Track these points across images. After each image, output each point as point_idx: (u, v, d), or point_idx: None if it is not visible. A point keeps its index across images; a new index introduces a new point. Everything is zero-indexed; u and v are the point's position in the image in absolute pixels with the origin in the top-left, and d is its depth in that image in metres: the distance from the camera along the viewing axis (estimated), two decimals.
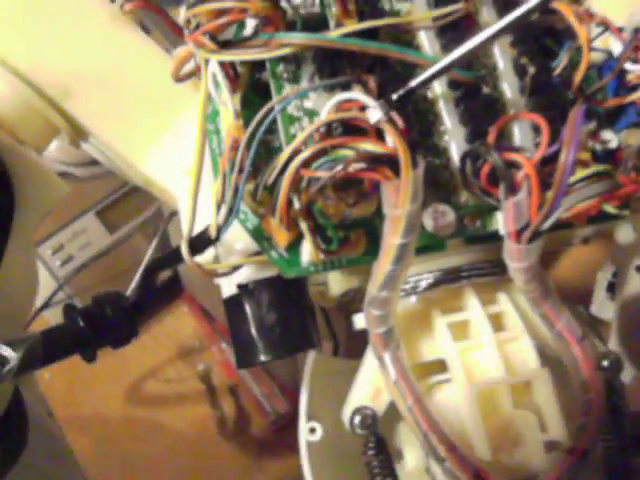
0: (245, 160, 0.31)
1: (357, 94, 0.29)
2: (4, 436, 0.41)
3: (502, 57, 0.35)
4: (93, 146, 0.42)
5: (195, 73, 0.37)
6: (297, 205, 0.30)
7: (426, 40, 0.34)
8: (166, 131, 0.39)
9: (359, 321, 0.37)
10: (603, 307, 0.57)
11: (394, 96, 0.29)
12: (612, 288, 0.57)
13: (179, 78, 0.36)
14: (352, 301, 0.42)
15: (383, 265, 0.30)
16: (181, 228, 0.39)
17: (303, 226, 0.30)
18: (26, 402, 0.44)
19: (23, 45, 0.37)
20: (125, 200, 0.77)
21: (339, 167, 0.28)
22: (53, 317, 0.72)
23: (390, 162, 0.29)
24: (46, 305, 0.71)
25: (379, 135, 0.30)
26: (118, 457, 0.73)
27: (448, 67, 0.30)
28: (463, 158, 0.32)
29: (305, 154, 0.29)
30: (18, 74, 0.37)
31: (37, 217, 0.38)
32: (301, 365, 0.70)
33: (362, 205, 0.31)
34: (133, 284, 0.37)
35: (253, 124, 0.31)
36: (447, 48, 0.34)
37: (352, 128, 0.30)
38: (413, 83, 0.30)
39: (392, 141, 0.29)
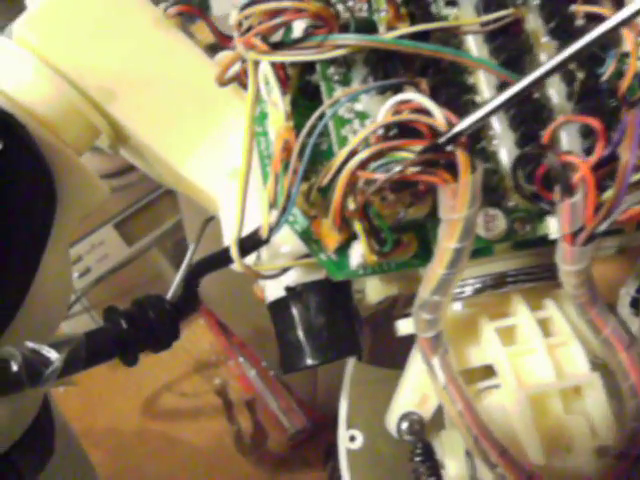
0: (298, 164, 0.31)
1: (417, 95, 0.29)
2: (35, 443, 0.41)
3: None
4: (130, 150, 0.42)
5: (238, 77, 0.37)
6: (352, 206, 0.30)
7: (474, 45, 0.34)
8: (208, 134, 0.38)
9: (403, 326, 0.36)
10: (627, 323, 0.57)
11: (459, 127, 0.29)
12: (636, 304, 0.57)
13: (223, 82, 0.36)
14: (389, 309, 0.42)
15: (437, 269, 0.30)
16: (222, 230, 0.39)
17: (358, 227, 0.30)
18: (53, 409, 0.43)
19: (68, 47, 0.37)
20: (143, 213, 0.77)
21: (398, 169, 0.28)
22: (71, 329, 0.71)
23: (448, 165, 0.29)
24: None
25: (436, 137, 0.30)
26: (133, 472, 0.72)
27: (530, 86, 0.29)
28: (516, 161, 0.32)
29: (362, 155, 0.29)
30: (63, 75, 0.36)
31: (76, 219, 0.38)
32: (320, 380, 0.70)
33: (416, 207, 0.30)
34: (173, 286, 0.37)
35: (307, 127, 0.31)
36: (495, 53, 0.34)
37: (407, 130, 0.30)
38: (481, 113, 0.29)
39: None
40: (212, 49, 0.49)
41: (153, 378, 0.75)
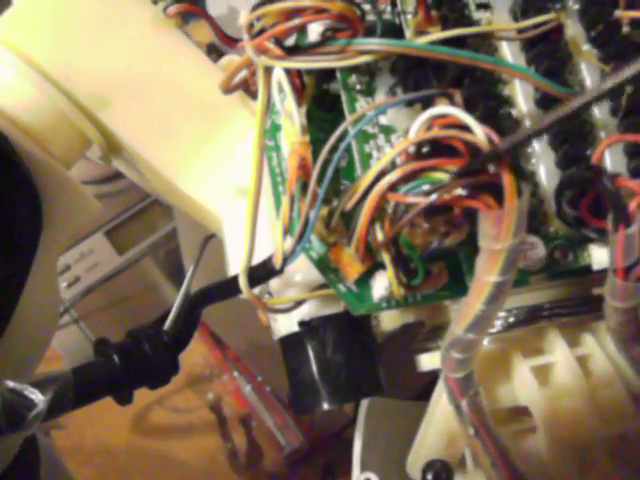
0: (315, 184, 0.27)
1: (454, 110, 0.25)
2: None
3: (590, 74, 0.31)
4: (124, 162, 0.38)
5: (245, 83, 0.33)
6: (380, 234, 0.26)
7: (509, 52, 0.30)
8: (211, 146, 0.34)
9: (427, 362, 0.32)
10: None
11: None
12: None
13: (229, 89, 0.32)
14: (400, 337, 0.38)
15: (473, 304, 0.26)
16: (226, 253, 0.35)
17: (385, 257, 0.26)
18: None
19: (56, 47, 0.33)
20: (135, 220, 0.72)
21: (438, 193, 0.24)
22: (59, 341, 0.67)
23: (491, 188, 0.24)
24: None
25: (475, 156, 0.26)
26: None
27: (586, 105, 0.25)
28: (562, 184, 0.28)
29: (393, 176, 0.25)
30: (51, 80, 0.32)
31: (65, 237, 0.34)
32: None
33: (452, 235, 0.26)
34: (171, 315, 0.33)
35: (328, 145, 0.27)
36: (535, 62, 0.30)
37: (440, 147, 0.26)
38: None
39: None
40: (209, 50, 0.45)
41: (144, 392, 0.70)
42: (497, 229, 0.24)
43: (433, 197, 0.24)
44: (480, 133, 0.25)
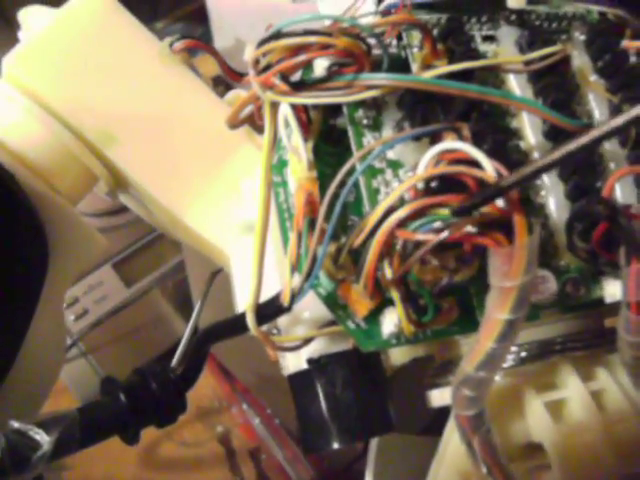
0: (323, 220, 0.26)
1: (463, 145, 0.25)
2: None
3: (598, 105, 0.31)
4: (130, 198, 0.37)
5: (251, 118, 0.32)
6: (389, 271, 0.25)
7: (516, 85, 0.30)
8: (218, 182, 0.34)
9: (438, 398, 0.31)
10: None
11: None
12: None
13: (235, 124, 0.32)
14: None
15: (484, 342, 0.25)
16: (234, 289, 0.34)
17: (394, 294, 0.26)
18: None
19: (62, 84, 0.33)
20: (143, 252, 0.72)
21: (448, 231, 0.23)
22: (67, 374, 0.66)
23: (501, 225, 0.24)
24: None
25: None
26: None
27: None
28: (573, 218, 0.28)
29: (402, 213, 0.24)
30: (57, 116, 0.32)
31: (71, 274, 0.33)
32: None
33: (463, 271, 0.26)
34: (178, 352, 0.32)
35: (336, 181, 0.26)
36: (542, 94, 0.29)
37: (449, 182, 0.26)
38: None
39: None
40: (215, 83, 0.44)
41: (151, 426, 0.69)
42: (508, 266, 0.24)
43: (443, 235, 0.23)
44: (489, 168, 0.24)
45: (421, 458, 0.34)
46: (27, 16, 0.34)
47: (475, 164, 0.25)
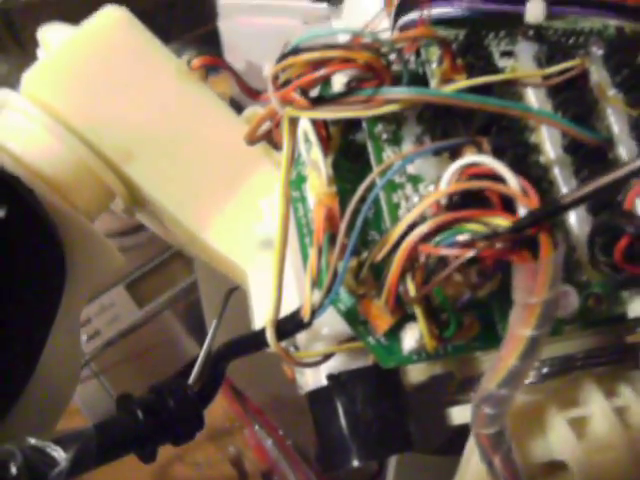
0: (344, 236, 0.26)
1: (487, 159, 0.25)
2: None
3: (617, 120, 0.30)
4: (147, 215, 0.37)
5: (269, 134, 0.32)
6: (411, 287, 0.25)
7: (535, 99, 0.30)
8: (236, 199, 0.34)
9: (459, 415, 0.31)
10: None
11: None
12: None
13: (253, 140, 0.32)
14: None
15: (507, 359, 0.25)
16: (251, 306, 0.34)
17: (416, 309, 0.25)
18: None
19: (81, 101, 0.33)
20: (156, 273, 0.71)
21: (481, 245, 0.23)
22: (78, 395, 0.66)
23: (526, 241, 0.24)
24: None
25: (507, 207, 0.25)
26: None
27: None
28: (594, 232, 0.27)
29: (425, 228, 0.24)
30: (75, 132, 0.32)
31: (88, 290, 0.33)
32: None
33: (485, 286, 0.25)
34: (195, 369, 0.32)
35: (357, 196, 0.26)
36: (562, 108, 0.29)
37: (470, 197, 0.26)
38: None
39: None
40: (229, 104, 0.44)
41: (164, 447, 0.69)
42: (532, 283, 0.23)
43: (473, 252, 0.23)
44: (514, 183, 0.24)
45: (440, 478, 0.34)
46: (46, 34, 0.34)
47: (495, 179, 0.25)
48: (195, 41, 0.84)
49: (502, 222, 0.23)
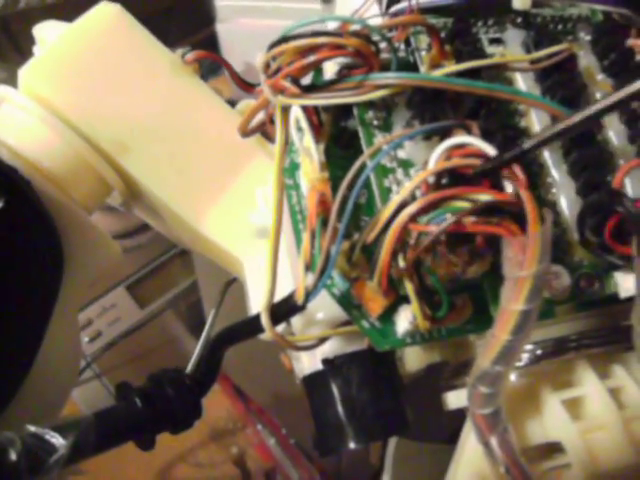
0: (336, 219, 0.26)
1: (473, 139, 0.25)
2: None
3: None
4: (144, 208, 0.38)
5: (263, 126, 0.33)
6: (402, 264, 0.25)
7: (523, 84, 0.30)
8: (231, 190, 0.34)
9: (454, 400, 0.31)
10: None
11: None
12: None
13: (247, 132, 0.32)
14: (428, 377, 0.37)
15: (500, 335, 0.25)
16: (247, 295, 0.34)
17: (409, 288, 0.26)
18: None
19: (78, 95, 0.33)
20: (157, 274, 0.72)
21: (455, 217, 0.23)
22: (80, 396, 0.66)
23: (513, 215, 0.24)
24: None
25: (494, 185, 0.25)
26: None
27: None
28: (583, 212, 0.28)
29: (414, 207, 0.24)
30: (71, 125, 0.32)
31: (86, 282, 0.33)
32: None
33: (476, 265, 0.26)
34: (193, 358, 0.32)
35: (347, 179, 0.27)
36: (550, 92, 0.30)
37: (458, 177, 0.26)
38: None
39: (516, 191, 0.24)
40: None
41: (166, 447, 0.69)
42: (522, 256, 0.24)
43: (449, 222, 0.23)
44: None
45: (438, 467, 0.34)
46: (42, 30, 0.34)
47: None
48: (194, 46, 0.85)
49: (489, 198, 0.24)
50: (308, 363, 0.31)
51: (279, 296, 0.28)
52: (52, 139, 0.32)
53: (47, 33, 0.34)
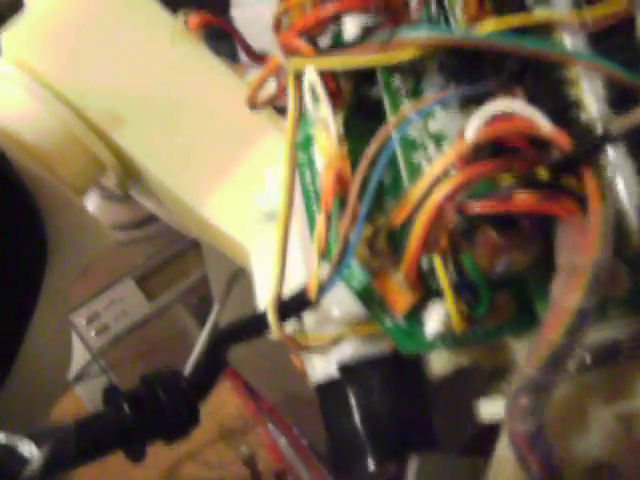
0: (355, 199, 0.22)
1: (519, 104, 0.20)
2: None
3: None
4: (141, 189, 0.33)
5: (274, 99, 0.28)
6: (438, 252, 0.21)
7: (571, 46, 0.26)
8: (237, 169, 0.30)
9: (489, 410, 0.27)
10: None
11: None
12: None
13: (256, 104, 0.28)
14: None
15: (550, 336, 0.21)
16: (255, 287, 0.30)
17: (443, 281, 0.21)
18: None
19: (67, 62, 0.29)
20: (166, 266, 0.68)
21: (505, 194, 0.19)
22: (86, 393, 0.62)
23: (569, 193, 0.20)
24: (78, 379, 0.61)
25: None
26: None
27: None
28: None
29: (452, 183, 0.20)
30: (59, 95, 0.28)
31: (74, 270, 0.29)
32: None
33: (524, 254, 0.21)
34: (192, 357, 0.28)
35: (369, 155, 0.22)
36: (606, 56, 0.25)
37: (501, 152, 0.21)
38: None
39: None
40: None
41: (174, 446, 0.65)
42: (581, 240, 0.19)
43: (503, 194, 0.19)
44: (550, 128, 0.20)
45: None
46: None
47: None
48: (209, 36, 0.81)
49: (541, 172, 0.19)
50: (322, 367, 0.27)
51: (289, 289, 0.24)
52: (36, 110, 0.28)
53: None
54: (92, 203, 0.67)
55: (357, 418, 0.25)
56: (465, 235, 0.20)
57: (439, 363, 0.31)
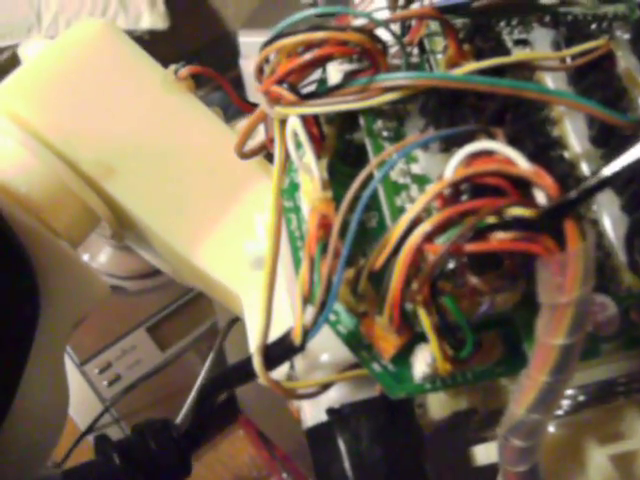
0: (339, 244, 0.21)
1: (498, 145, 0.20)
2: None
3: None
4: (136, 238, 0.33)
5: (264, 148, 0.28)
6: (417, 295, 0.20)
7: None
8: (228, 218, 0.30)
9: (483, 455, 0.26)
10: None
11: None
12: None
13: (244, 154, 0.27)
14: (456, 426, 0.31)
15: (536, 376, 0.20)
16: (249, 337, 0.29)
17: (425, 324, 0.20)
18: None
19: (58, 115, 0.29)
20: (178, 315, 0.67)
21: (479, 235, 0.18)
22: None
23: (547, 229, 0.19)
24: (90, 429, 0.60)
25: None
26: None
27: None
28: (632, 231, 0.22)
29: (429, 224, 0.19)
30: (50, 146, 0.28)
31: (69, 323, 0.28)
32: None
33: (506, 294, 0.20)
34: (184, 409, 0.27)
35: (350, 193, 0.21)
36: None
37: (481, 191, 0.21)
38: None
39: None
40: None
41: None
42: (561, 277, 0.18)
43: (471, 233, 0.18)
44: (527, 166, 0.19)
45: None
46: (27, 48, 0.30)
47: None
48: (221, 87, 0.82)
49: (521, 212, 0.18)
50: (311, 413, 0.26)
51: (280, 332, 0.23)
52: (28, 162, 0.28)
53: (32, 50, 0.30)
54: (104, 254, 0.67)
55: (346, 464, 0.24)
56: (446, 278, 0.19)
57: (435, 407, 0.30)
